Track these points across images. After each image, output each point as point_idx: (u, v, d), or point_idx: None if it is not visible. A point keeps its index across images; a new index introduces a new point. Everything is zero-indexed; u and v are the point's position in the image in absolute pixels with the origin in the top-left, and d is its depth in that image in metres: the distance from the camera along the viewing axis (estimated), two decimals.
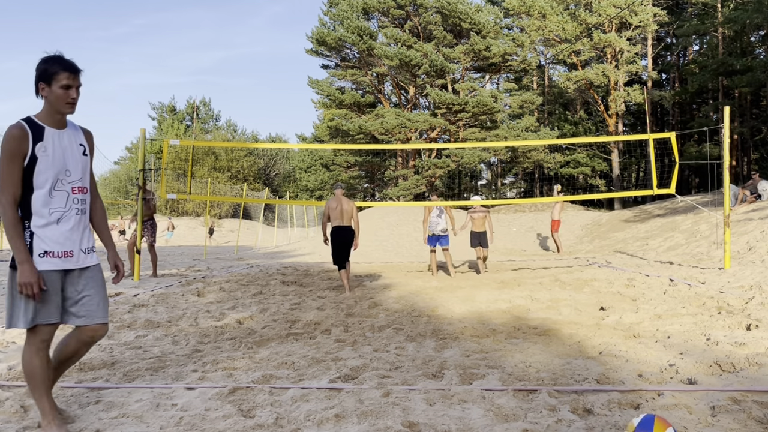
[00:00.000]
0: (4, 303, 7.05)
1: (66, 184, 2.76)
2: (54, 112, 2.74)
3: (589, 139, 13.25)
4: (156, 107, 55.39)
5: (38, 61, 2.70)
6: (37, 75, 2.69)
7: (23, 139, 2.63)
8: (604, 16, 28.74)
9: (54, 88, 2.68)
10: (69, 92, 2.70)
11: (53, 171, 2.70)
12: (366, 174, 36.91)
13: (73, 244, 2.79)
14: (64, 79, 2.68)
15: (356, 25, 31.55)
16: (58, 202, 2.73)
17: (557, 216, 16.09)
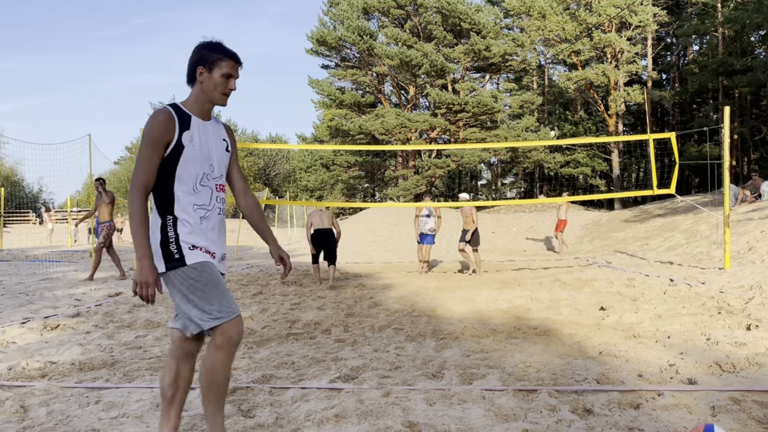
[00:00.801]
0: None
1: (210, 180, 2.49)
2: (205, 100, 2.51)
3: (589, 140, 13.25)
4: (156, 107, 55.42)
5: (198, 45, 2.50)
6: (195, 58, 2.48)
7: (169, 126, 2.38)
8: (604, 16, 28.74)
9: (214, 74, 2.48)
10: (228, 82, 2.52)
11: (199, 164, 2.45)
12: (366, 174, 36.90)
13: (214, 247, 2.51)
14: (227, 67, 2.50)
15: (356, 24, 31.55)
16: (203, 199, 2.46)
17: (564, 216, 16.09)
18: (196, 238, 2.42)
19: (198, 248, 2.41)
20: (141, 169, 2.38)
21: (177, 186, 2.41)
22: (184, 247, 2.39)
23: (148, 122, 2.37)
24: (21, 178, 44.15)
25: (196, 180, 2.44)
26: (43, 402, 3.26)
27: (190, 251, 2.39)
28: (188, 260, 2.37)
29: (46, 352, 4.53)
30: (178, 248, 2.38)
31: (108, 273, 11.41)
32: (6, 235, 25.07)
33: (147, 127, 2.37)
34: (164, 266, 2.37)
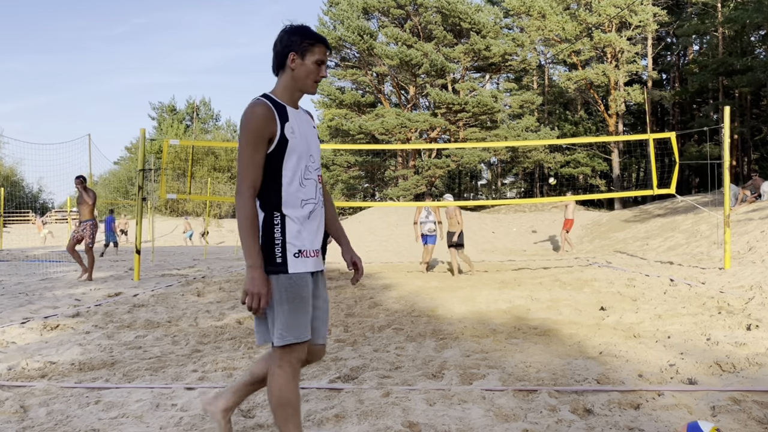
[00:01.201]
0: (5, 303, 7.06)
1: (312, 171, 2.35)
2: (296, 89, 2.35)
3: (590, 139, 13.25)
4: (156, 107, 55.39)
5: (286, 31, 2.34)
6: (286, 44, 2.31)
7: (271, 119, 2.22)
8: (604, 15, 28.73)
9: (307, 61, 2.31)
10: (320, 69, 2.35)
11: (302, 156, 2.31)
12: (366, 174, 36.90)
13: (318, 243, 2.37)
14: (319, 53, 2.33)
15: (356, 24, 31.55)
16: (309, 193, 2.33)
17: (571, 215, 16.09)
18: (303, 240, 2.27)
19: (303, 253, 2.26)
20: (247, 170, 2.20)
21: (284, 181, 2.26)
22: (289, 251, 2.24)
23: (248, 118, 2.21)
24: (21, 178, 44.15)
25: (301, 173, 2.30)
26: (43, 402, 3.26)
27: (294, 258, 2.24)
28: (290, 268, 2.23)
29: (45, 352, 4.53)
30: (282, 252, 2.23)
31: (107, 273, 11.42)
32: (6, 235, 25.07)
33: (247, 123, 2.21)
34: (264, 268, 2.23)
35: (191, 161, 13.15)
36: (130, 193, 46.30)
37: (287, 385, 2.25)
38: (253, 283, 2.14)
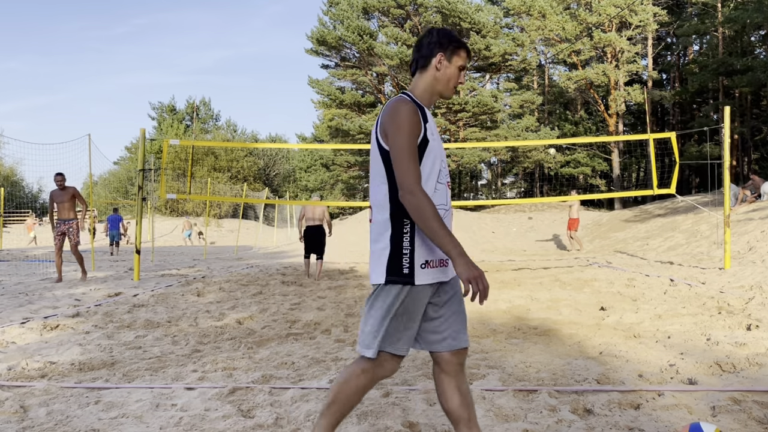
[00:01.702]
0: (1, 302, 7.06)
1: (444, 176, 2.24)
2: (435, 92, 2.27)
3: (590, 139, 13.25)
4: (156, 107, 55.41)
5: (434, 31, 2.28)
6: (435, 44, 2.24)
7: (418, 117, 2.13)
8: (604, 15, 28.74)
9: (453, 64, 2.25)
10: (461, 75, 2.29)
11: (437, 159, 2.19)
12: (366, 174, 36.91)
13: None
14: (463, 58, 2.27)
15: (356, 24, 31.56)
16: (441, 198, 2.20)
17: (575, 215, 16.15)
18: (432, 249, 2.15)
19: (429, 264, 2.14)
20: (410, 165, 2.06)
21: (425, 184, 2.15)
22: (416, 262, 2.12)
23: (402, 113, 2.10)
24: (21, 178, 44.17)
25: (436, 177, 2.18)
26: (43, 402, 3.26)
27: (421, 270, 2.12)
28: (417, 280, 2.12)
29: (45, 352, 4.53)
30: (410, 263, 2.11)
31: (107, 273, 11.42)
32: (6, 235, 25.07)
33: (403, 118, 2.10)
34: (384, 278, 2.12)
35: (191, 161, 13.15)
36: (130, 193, 46.32)
37: (361, 392, 2.21)
38: (469, 268, 1.99)
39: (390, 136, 2.11)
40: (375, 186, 2.20)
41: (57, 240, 9.67)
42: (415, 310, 2.14)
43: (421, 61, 2.26)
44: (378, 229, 2.17)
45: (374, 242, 2.18)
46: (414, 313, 2.15)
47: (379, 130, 2.17)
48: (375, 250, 2.17)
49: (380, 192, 2.17)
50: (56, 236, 9.67)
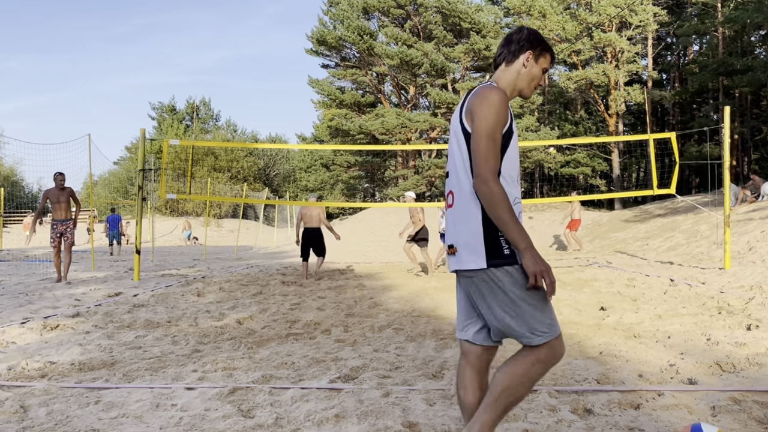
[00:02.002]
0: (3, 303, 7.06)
1: (518, 170, 2.26)
2: (516, 88, 2.28)
3: (590, 139, 13.26)
4: (156, 107, 55.39)
5: (525, 29, 2.30)
6: (525, 42, 2.26)
7: (508, 107, 2.14)
8: (604, 15, 28.73)
9: (539, 64, 2.27)
10: (542, 77, 2.32)
11: (517, 153, 2.21)
12: (366, 174, 36.91)
13: None
14: (548, 62, 2.31)
15: (356, 24, 31.55)
16: (518, 191, 2.21)
17: (577, 215, 16.19)
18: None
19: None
20: (489, 153, 2.05)
21: (502, 175, 2.13)
22: (510, 244, 2.09)
23: (493, 100, 2.09)
24: (21, 178, 44.17)
25: (515, 170, 2.20)
26: (43, 402, 3.26)
27: (514, 251, 2.09)
28: (519, 259, 2.07)
29: (45, 352, 4.53)
30: (507, 245, 2.08)
31: (107, 273, 11.42)
32: (6, 235, 25.07)
33: (492, 104, 2.08)
34: (485, 262, 2.07)
35: (191, 161, 13.15)
36: (130, 193, 46.31)
37: (532, 383, 2.12)
38: (536, 262, 2.00)
39: (476, 121, 2.09)
40: (458, 171, 2.17)
41: (55, 240, 9.55)
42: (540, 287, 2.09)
43: (508, 56, 2.28)
44: (463, 214, 2.13)
45: (458, 228, 2.13)
46: (543, 291, 2.10)
47: (464, 113, 2.15)
48: (462, 235, 2.12)
49: (466, 177, 2.14)
50: (54, 236, 9.55)
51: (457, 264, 2.16)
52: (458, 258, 2.15)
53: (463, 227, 2.13)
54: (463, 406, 2.31)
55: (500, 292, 2.07)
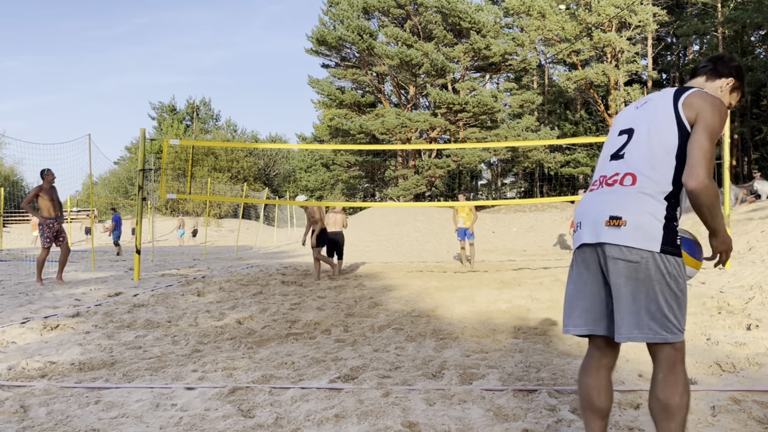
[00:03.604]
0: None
1: None
2: None
3: (590, 139, 13.26)
4: (156, 107, 55.43)
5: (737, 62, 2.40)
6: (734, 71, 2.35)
7: None
8: (604, 15, 28.74)
9: (732, 95, 2.38)
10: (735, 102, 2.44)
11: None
12: (366, 174, 36.91)
13: None
14: (735, 100, 2.42)
15: (356, 24, 31.56)
16: None
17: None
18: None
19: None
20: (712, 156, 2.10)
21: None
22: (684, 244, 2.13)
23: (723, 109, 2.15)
24: (21, 178, 44.17)
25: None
26: (43, 402, 3.26)
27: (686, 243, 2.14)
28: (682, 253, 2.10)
29: (45, 352, 4.53)
30: (679, 238, 2.11)
31: (108, 273, 11.42)
32: (6, 235, 25.06)
33: (723, 113, 2.14)
34: (659, 246, 2.04)
35: (191, 161, 13.16)
36: (130, 193, 46.31)
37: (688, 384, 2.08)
38: (726, 242, 2.15)
39: (704, 122, 2.10)
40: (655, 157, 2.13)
41: (51, 240, 9.08)
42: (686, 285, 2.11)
43: (713, 73, 2.35)
44: (643, 197, 2.09)
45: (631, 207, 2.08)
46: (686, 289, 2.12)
47: (684, 107, 2.15)
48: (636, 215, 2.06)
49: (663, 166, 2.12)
50: (50, 235, 9.07)
51: (623, 239, 2.05)
52: (625, 233, 2.05)
53: (639, 208, 2.07)
54: (595, 409, 2.21)
55: (670, 279, 2.03)
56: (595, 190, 2.23)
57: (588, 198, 2.24)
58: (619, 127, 2.30)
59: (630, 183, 2.13)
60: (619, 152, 2.23)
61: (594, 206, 2.17)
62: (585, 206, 2.22)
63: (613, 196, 2.14)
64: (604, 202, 2.14)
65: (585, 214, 2.20)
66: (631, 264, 2.03)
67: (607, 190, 2.17)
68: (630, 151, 2.20)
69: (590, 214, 2.16)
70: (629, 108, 2.36)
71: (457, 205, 12.37)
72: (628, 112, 2.33)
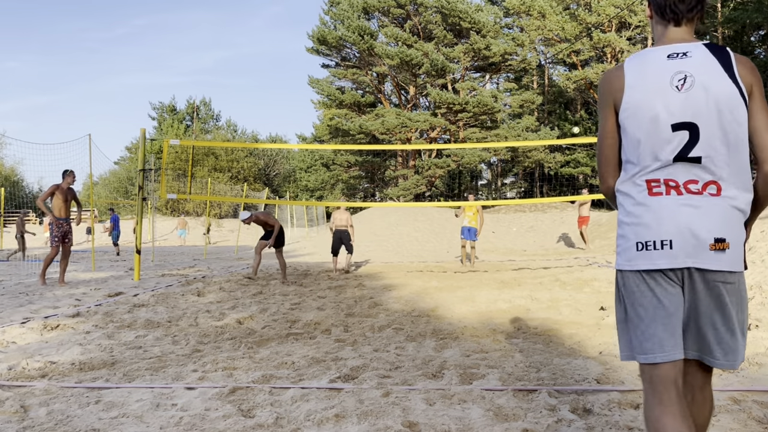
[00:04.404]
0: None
1: None
2: None
3: (590, 139, 13.24)
4: (156, 107, 55.44)
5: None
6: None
7: None
8: (604, 15, 28.74)
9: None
10: None
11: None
12: (366, 174, 36.92)
13: None
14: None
15: (357, 24, 31.56)
16: None
17: (585, 212, 16.30)
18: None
19: None
20: None
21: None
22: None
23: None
24: (21, 178, 44.18)
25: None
26: (43, 402, 3.26)
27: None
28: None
29: (46, 352, 4.53)
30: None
31: (108, 273, 11.42)
32: (6, 235, 25.06)
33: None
34: (743, 264, 1.82)
35: (191, 161, 13.16)
36: (131, 193, 46.31)
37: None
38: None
39: (761, 98, 1.80)
40: (736, 160, 1.79)
41: (59, 240, 9.07)
42: None
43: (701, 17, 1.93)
44: (732, 208, 1.78)
45: (731, 222, 1.77)
46: None
47: (740, 76, 1.79)
48: (735, 231, 1.78)
49: (744, 168, 1.80)
50: (59, 236, 9.06)
51: (728, 264, 1.76)
52: (729, 257, 1.76)
53: (735, 226, 1.78)
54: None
55: (736, 301, 1.83)
56: (672, 197, 1.79)
57: (669, 208, 1.79)
58: (666, 119, 1.80)
59: (715, 192, 1.78)
60: (685, 154, 1.79)
61: (685, 220, 1.76)
62: (668, 218, 1.77)
63: (706, 211, 1.77)
64: (698, 217, 1.76)
65: (673, 231, 1.77)
66: (729, 286, 1.80)
67: (695, 200, 1.77)
68: (706, 153, 1.78)
69: (683, 232, 1.75)
70: (660, 86, 1.82)
71: (465, 205, 12.46)
72: (667, 97, 1.80)
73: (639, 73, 1.85)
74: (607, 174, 1.95)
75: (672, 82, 1.81)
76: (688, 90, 1.79)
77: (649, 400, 1.89)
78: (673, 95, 1.80)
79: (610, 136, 1.92)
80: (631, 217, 1.83)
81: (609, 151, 1.94)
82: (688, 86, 1.79)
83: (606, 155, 1.95)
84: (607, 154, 1.94)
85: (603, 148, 1.95)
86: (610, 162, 1.94)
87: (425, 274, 10.76)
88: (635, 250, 1.81)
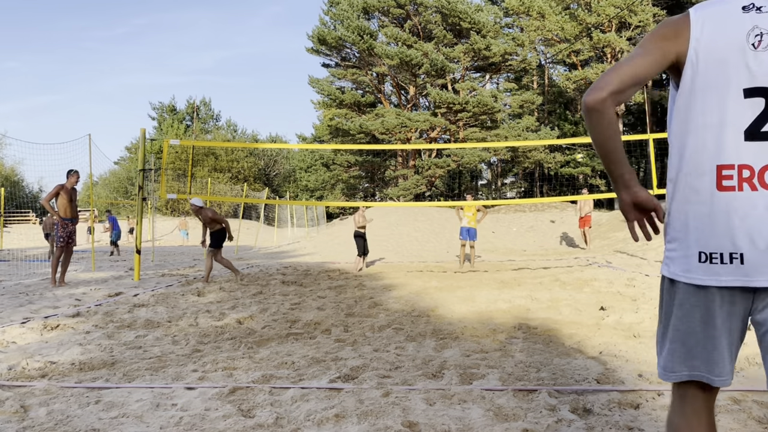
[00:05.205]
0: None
1: None
2: None
3: (589, 139, 13.29)
4: (156, 107, 55.43)
5: None
6: None
7: None
8: (604, 15, 28.74)
9: None
10: None
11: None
12: (366, 174, 36.91)
13: None
14: None
15: (356, 24, 31.57)
16: None
17: (587, 211, 16.34)
18: None
19: None
20: None
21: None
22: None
23: None
24: (21, 178, 44.17)
25: None
26: (43, 402, 3.26)
27: None
28: None
29: (46, 352, 4.53)
30: None
31: (108, 273, 11.42)
32: (6, 235, 25.07)
33: None
34: None
35: (191, 161, 13.17)
36: (131, 193, 46.31)
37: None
38: None
39: None
40: None
41: (64, 240, 9.00)
42: None
43: None
44: None
45: None
46: None
47: None
48: None
49: None
50: (64, 236, 9.00)
51: None
52: None
53: None
54: None
55: None
56: (745, 194, 1.47)
57: (741, 210, 1.47)
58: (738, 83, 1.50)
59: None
60: (758, 128, 1.48)
61: (759, 226, 1.45)
62: (739, 224, 1.46)
63: None
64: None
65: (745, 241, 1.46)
66: None
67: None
68: None
69: (756, 241, 1.45)
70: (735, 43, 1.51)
71: (464, 205, 12.48)
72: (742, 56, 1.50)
73: (709, 25, 1.53)
74: (608, 86, 1.53)
75: (748, 39, 1.50)
76: (765, 50, 1.49)
77: (675, 420, 1.64)
78: (751, 55, 1.50)
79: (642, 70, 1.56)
80: (694, 218, 1.52)
81: (630, 70, 1.55)
82: (765, 45, 1.50)
83: (623, 70, 1.55)
84: (625, 70, 1.55)
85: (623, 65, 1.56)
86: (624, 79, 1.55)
87: (425, 274, 10.77)
88: (697, 261, 1.50)
